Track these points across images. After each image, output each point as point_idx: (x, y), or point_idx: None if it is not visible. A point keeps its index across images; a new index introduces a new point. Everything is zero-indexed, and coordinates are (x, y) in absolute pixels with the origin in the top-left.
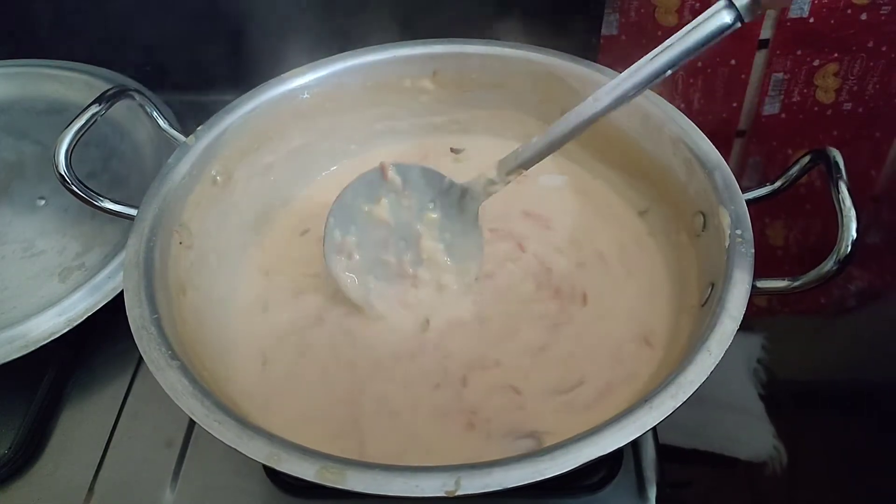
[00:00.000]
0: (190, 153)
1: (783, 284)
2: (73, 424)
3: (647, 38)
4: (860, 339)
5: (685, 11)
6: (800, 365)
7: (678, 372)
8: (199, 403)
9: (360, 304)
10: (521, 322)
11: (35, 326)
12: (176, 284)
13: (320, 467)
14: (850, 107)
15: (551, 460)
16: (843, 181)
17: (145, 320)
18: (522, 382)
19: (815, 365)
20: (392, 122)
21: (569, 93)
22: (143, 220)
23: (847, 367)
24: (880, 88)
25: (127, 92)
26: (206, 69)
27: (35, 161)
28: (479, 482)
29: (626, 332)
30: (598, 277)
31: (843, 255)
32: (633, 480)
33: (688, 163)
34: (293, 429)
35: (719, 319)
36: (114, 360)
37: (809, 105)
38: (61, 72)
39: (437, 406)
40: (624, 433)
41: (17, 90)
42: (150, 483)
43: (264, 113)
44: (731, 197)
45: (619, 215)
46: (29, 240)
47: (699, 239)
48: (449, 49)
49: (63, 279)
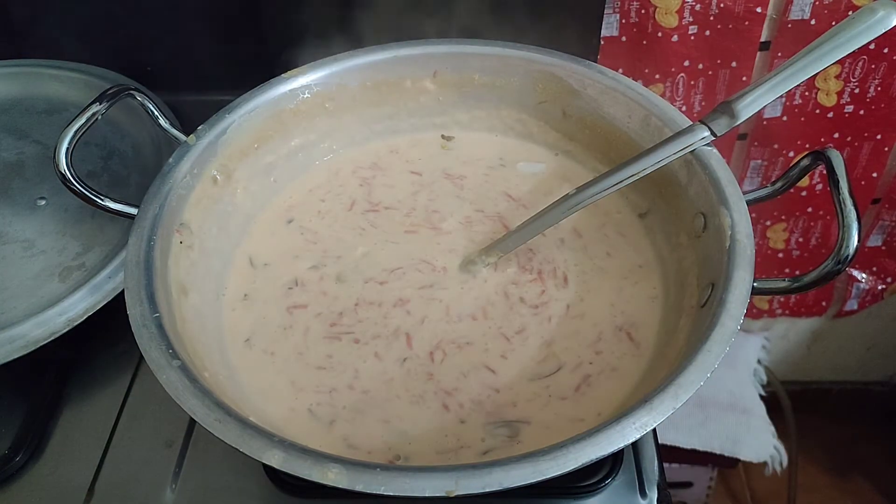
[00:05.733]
0: (190, 153)
1: (783, 285)
2: (73, 424)
3: (647, 38)
4: (860, 339)
5: (685, 12)
6: (800, 365)
7: (678, 372)
8: (199, 403)
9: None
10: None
11: (35, 326)
12: (176, 284)
13: (321, 467)
14: (852, 109)
15: (551, 460)
16: (843, 182)
17: (146, 319)
18: (497, 363)
19: (815, 365)
20: (392, 122)
21: (569, 93)
22: (144, 219)
23: (847, 367)
24: (882, 91)
25: (127, 92)
26: (206, 69)
27: (35, 161)
28: (479, 482)
29: (607, 318)
30: (577, 254)
31: (844, 255)
32: (633, 480)
33: (688, 164)
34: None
35: (719, 319)
36: (114, 360)
37: (811, 107)
38: (61, 72)
39: (409, 383)
40: (624, 434)
41: (17, 90)
42: (150, 483)
43: (264, 113)
44: (731, 198)
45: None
46: (29, 240)
47: (699, 240)
48: (449, 49)
49: (63, 279)
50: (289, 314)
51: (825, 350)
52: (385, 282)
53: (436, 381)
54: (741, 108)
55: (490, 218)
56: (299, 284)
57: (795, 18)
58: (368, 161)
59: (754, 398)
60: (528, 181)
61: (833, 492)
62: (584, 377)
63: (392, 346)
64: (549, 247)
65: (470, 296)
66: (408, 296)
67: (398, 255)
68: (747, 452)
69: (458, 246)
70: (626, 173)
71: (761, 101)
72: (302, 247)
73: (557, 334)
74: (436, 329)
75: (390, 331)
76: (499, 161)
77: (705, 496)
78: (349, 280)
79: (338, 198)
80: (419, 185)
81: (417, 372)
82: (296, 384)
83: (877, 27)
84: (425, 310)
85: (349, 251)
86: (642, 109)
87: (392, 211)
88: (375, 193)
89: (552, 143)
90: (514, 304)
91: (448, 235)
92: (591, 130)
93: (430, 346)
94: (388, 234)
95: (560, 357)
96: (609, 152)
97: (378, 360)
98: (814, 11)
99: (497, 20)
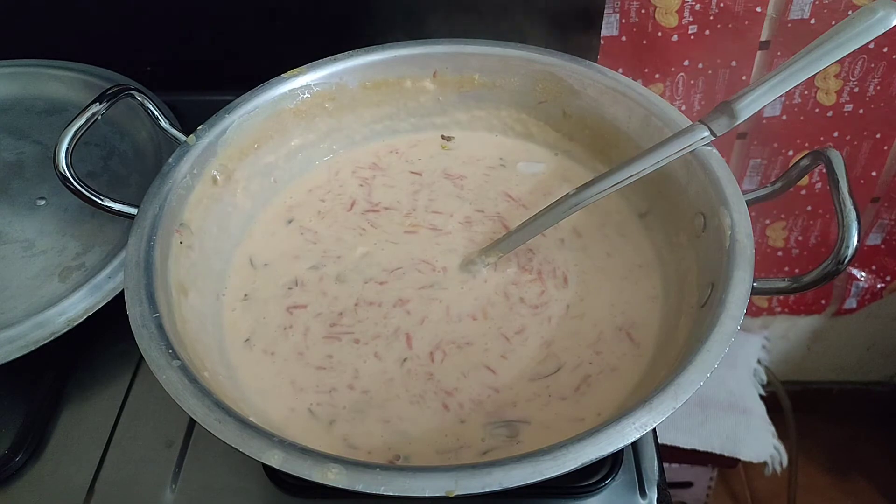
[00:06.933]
0: (190, 153)
1: (783, 284)
2: (73, 424)
3: (646, 38)
4: (860, 339)
5: (685, 12)
6: (800, 365)
7: (678, 372)
8: (199, 403)
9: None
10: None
11: (35, 326)
12: (176, 284)
13: (321, 467)
14: (851, 108)
15: (551, 460)
16: (843, 181)
17: (146, 319)
18: (497, 363)
19: (815, 365)
20: (392, 122)
21: (569, 93)
22: (144, 219)
23: (847, 367)
24: (881, 89)
25: (127, 91)
26: (206, 69)
27: (35, 161)
28: (479, 482)
29: (607, 318)
30: (577, 254)
31: (844, 255)
32: (633, 480)
33: (688, 164)
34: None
35: (719, 319)
36: (114, 360)
37: (811, 106)
38: (61, 72)
39: (409, 383)
40: (624, 434)
41: (17, 90)
42: (150, 483)
43: (264, 113)
44: (731, 198)
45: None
46: (29, 240)
47: (699, 240)
48: (449, 49)
49: (63, 279)
50: (289, 314)
51: (825, 350)
52: (385, 282)
53: (436, 381)
54: (741, 108)
55: (490, 218)
56: (299, 284)
57: (795, 18)
58: (368, 161)
59: (754, 398)
60: (528, 181)
61: (833, 492)
62: (583, 377)
63: (392, 346)
64: (549, 247)
65: (470, 296)
66: (408, 296)
67: (398, 256)
68: (747, 452)
69: (458, 246)
70: (626, 173)
71: (761, 101)
72: (302, 247)
73: (557, 334)
74: (436, 329)
75: (390, 331)
76: (499, 161)
77: (705, 496)
78: (349, 280)
79: (338, 198)
80: (419, 185)
81: (417, 372)
82: (296, 384)
83: (877, 27)
84: (425, 310)
85: (349, 251)
86: (642, 109)
87: (392, 211)
88: (375, 193)
89: (552, 143)
90: (514, 305)
91: (448, 235)
92: (591, 130)
93: (430, 346)
94: (388, 235)
95: (560, 357)
96: (609, 152)
97: (378, 360)
98: (813, 11)
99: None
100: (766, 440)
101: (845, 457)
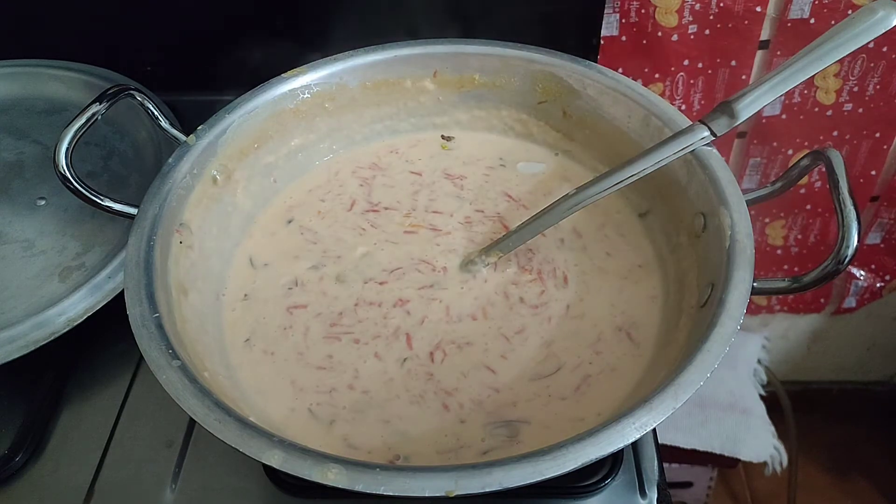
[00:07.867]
0: (190, 153)
1: (783, 284)
2: (73, 424)
3: (646, 38)
4: (860, 339)
5: (685, 11)
6: (800, 365)
7: (678, 372)
8: (199, 403)
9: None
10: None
11: (35, 326)
12: (176, 284)
13: (321, 467)
14: (851, 107)
15: (551, 460)
16: (843, 181)
17: (146, 319)
18: (497, 363)
19: (815, 365)
20: (392, 122)
21: (569, 93)
22: (144, 219)
23: (847, 366)
24: (881, 89)
25: (127, 91)
26: (206, 69)
27: (35, 161)
28: (479, 482)
29: (607, 318)
30: (577, 254)
31: (844, 255)
32: (633, 480)
33: (688, 164)
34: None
35: (719, 319)
36: (114, 360)
37: (810, 106)
38: (61, 72)
39: (409, 383)
40: (624, 434)
41: (17, 90)
42: (150, 483)
43: (264, 113)
44: (731, 198)
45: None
46: (29, 240)
47: (699, 240)
48: (449, 49)
49: (63, 279)
50: (289, 314)
51: (825, 350)
52: (385, 282)
53: (436, 381)
54: (741, 108)
55: (490, 218)
56: (299, 284)
57: (795, 18)
58: (368, 161)
59: (754, 398)
60: (528, 181)
61: (833, 492)
62: (583, 377)
63: (392, 347)
64: (549, 247)
65: (470, 296)
66: (408, 296)
67: (398, 256)
68: (747, 452)
69: (458, 246)
70: (626, 173)
71: (761, 101)
72: (302, 247)
73: (557, 334)
74: (436, 329)
75: (390, 331)
76: (499, 161)
77: (705, 496)
78: (349, 280)
79: (338, 198)
80: (419, 185)
81: (417, 372)
82: (296, 384)
83: (877, 27)
84: (425, 310)
85: (349, 251)
86: (642, 109)
87: (392, 211)
88: (375, 193)
89: (552, 143)
90: (513, 305)
91: (448, 235)
92: (591, 130)
93: (430, 346)
94: (388, 235)
95: (560, 357)
96: (609, 152)
97: (378, 360)
98: (813, 11)
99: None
100: (766, 440)
101: (845, 457)
